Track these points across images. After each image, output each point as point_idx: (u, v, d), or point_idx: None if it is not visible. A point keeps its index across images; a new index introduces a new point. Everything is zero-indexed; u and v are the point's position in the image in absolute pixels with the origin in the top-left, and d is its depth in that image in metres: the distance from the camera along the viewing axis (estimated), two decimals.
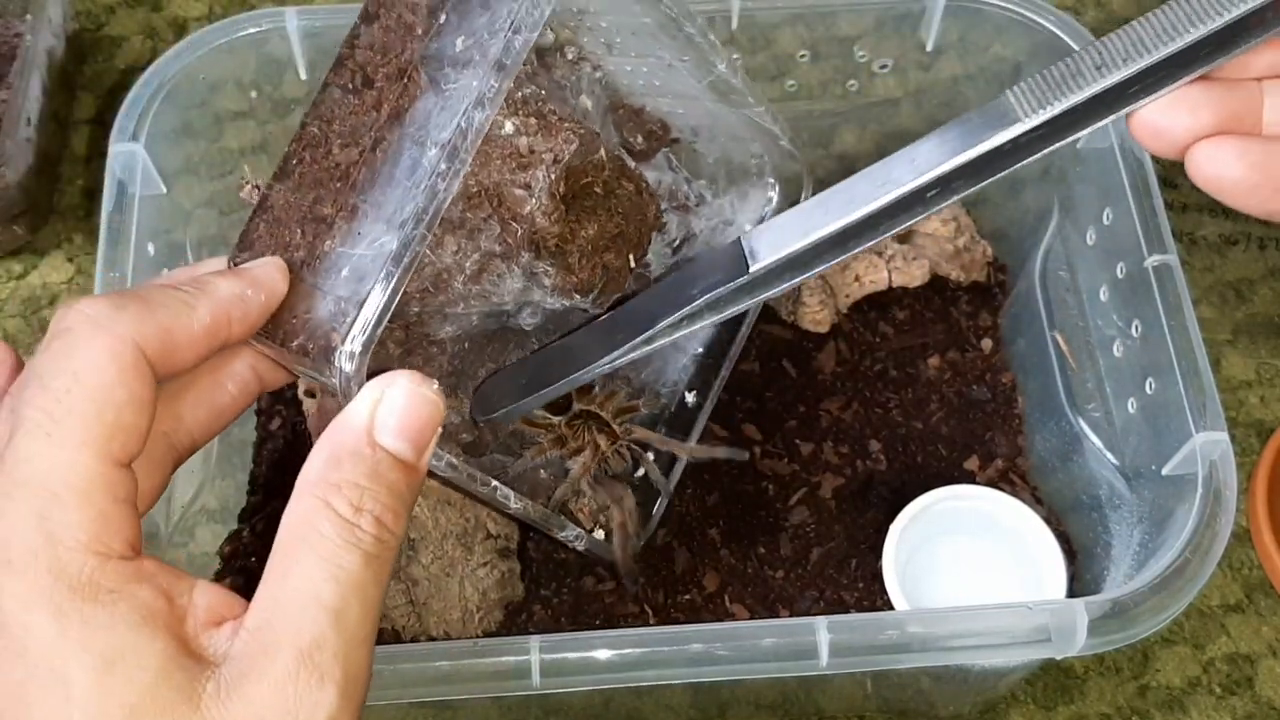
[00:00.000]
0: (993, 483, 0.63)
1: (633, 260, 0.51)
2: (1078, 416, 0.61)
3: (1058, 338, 0.64)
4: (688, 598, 0.60)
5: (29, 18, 0.74)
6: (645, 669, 0.46)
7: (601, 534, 0.56)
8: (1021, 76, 0.41)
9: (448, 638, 0.57)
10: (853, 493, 0.63)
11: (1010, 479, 0.63)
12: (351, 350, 0.38)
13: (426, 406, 0.36)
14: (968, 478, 0.63)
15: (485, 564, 0.57)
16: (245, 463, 0.65)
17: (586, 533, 0.55)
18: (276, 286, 0.39)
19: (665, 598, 0.60)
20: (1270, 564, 0.63)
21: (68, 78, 0.78)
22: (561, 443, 0.54)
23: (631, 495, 0.56)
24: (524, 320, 0.51)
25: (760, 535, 0.62)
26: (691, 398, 0.61)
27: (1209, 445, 0.50)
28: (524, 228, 0.46)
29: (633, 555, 0.57)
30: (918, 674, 0.55)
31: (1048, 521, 0.59)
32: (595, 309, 0.51)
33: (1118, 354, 0.58)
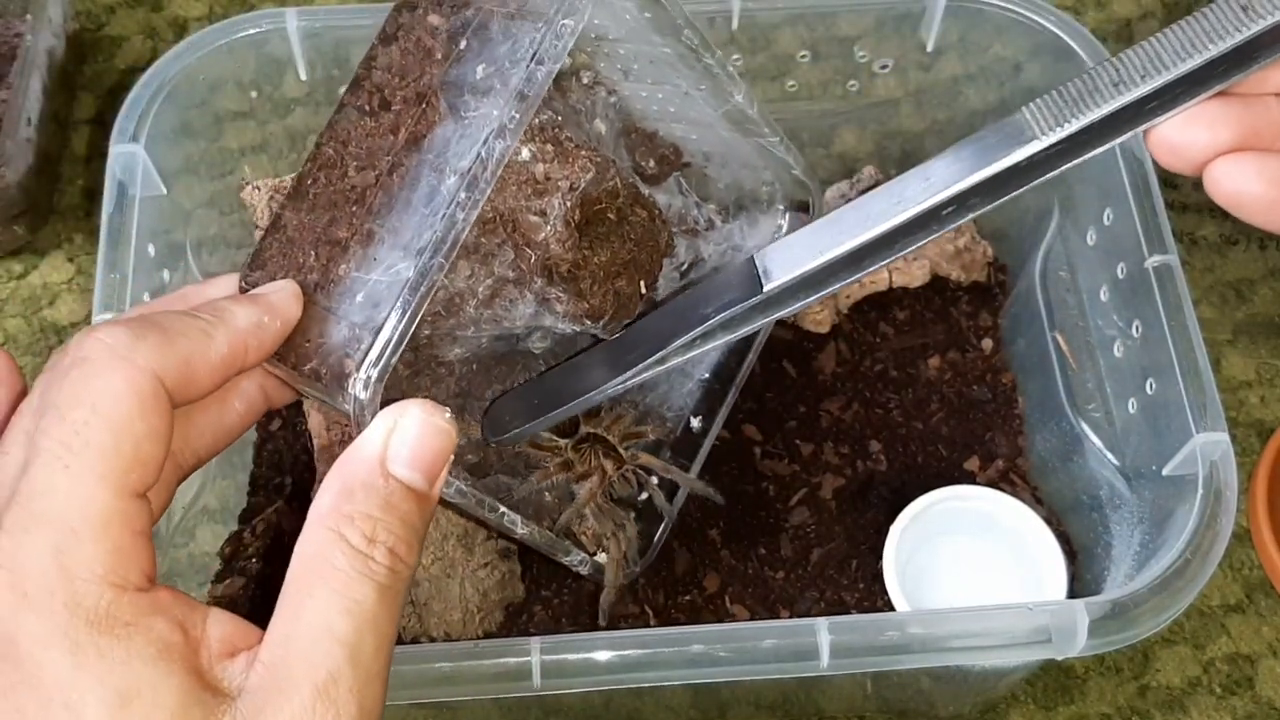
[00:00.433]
0: (993, 483, 0.63)
1: (644, 287, 0.51)
2: (1078, 417, 0.61)
3: (1058, 338, 0.64)
4: (688, 598, 0.60)
5: (29, 18, 0.74)
6: (646, 670, 0.46)
7: (604, 557, 0.56)
8: (1021, 76, 0.41)
9: (448, 638, 0.57)
10: (853, 493, 0.63)
11: (1010, 479, 0.63)
12: (367, 378, 0.38)
13: (439, 436, 0.35)
14: (968, 478, 0.63)
15: (486, 565, 0.57)
16: (246, 463, 0.65)
17: (590, 556, 0.54)
18: (291, 313, 0.39)
19: (665, 598, 0.60)
20: (1270, 564, 0.63)
21: (68, 78, 0.78)
22: (568, 466, 0.54)
23: (633, 524, 0.56)
24: (533, 344, 0.51)
25: (760, 536, 0.62)
26: (697, 423, 0.61)
27: (1209, 445, 0.50)
28: (538, 254, 0.46)
29: (624, 583, 0.57)
30: (918, 674, 0.55)
31: (1048, 522, 0.59)
32: (605, 335, 0.51)
33: (1118, 354, 0.58)
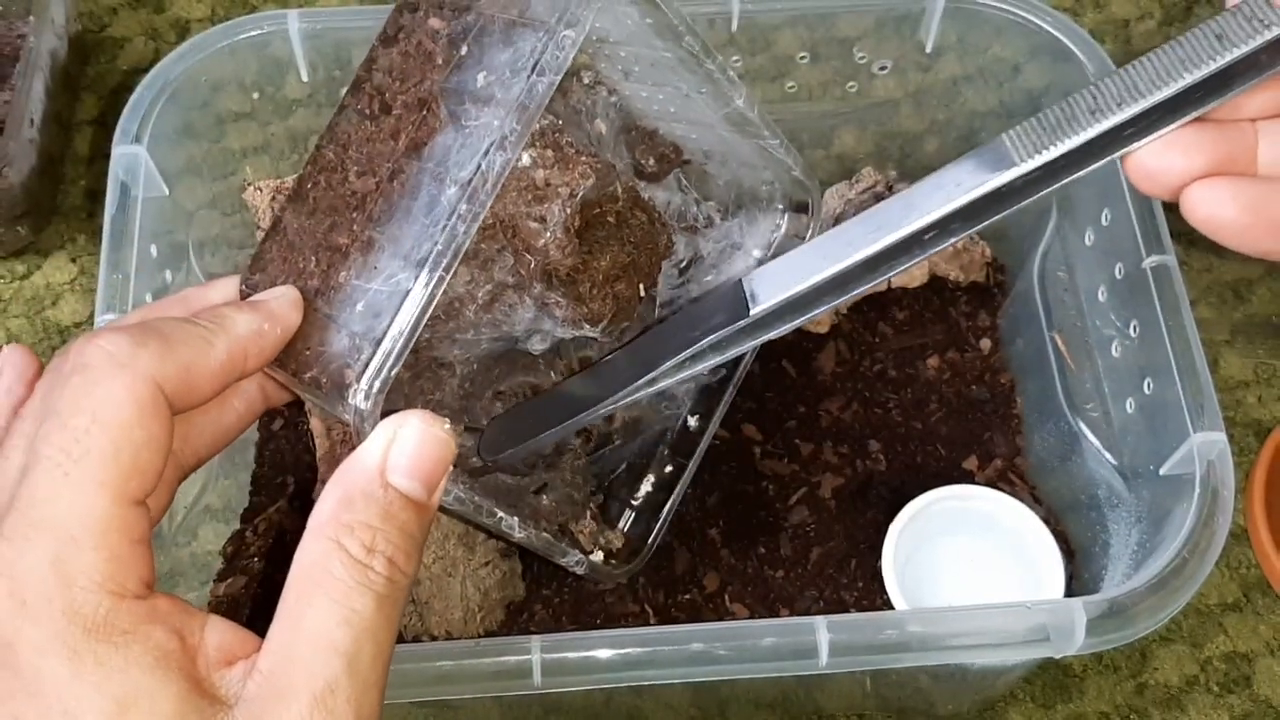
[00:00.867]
0: (991, 482, 0.63)
1: (643, 289, 0.51)
2: (1076, 416, 0.61)
3: (1056, 338, 0.64)
4: (688, 597, 0.60)
5: (32, 19, 0.74)
6: (646, 668, 0.46)
7: (601, 556, 0.57)
8: (1020, 77, 0.41)
9: (449, 637, 0.57)
10: (852, 493, 0.63)
11: (1009, 479, 0.63)
12: (367, 390, 0.38)
13: (438, 446, 0.35)
14: (967, 477, 0.63)
15: (487, 564, 0.57)
16: (247, 462, 0.65)
17: (585, 555, 0.55)
18: (291, 320, 0.40)
19: (665, 597, 0.60)
20: (1267, 563, 0.63)
21: (70, 79, 0.78)
22: None
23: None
24: (533, 346, 0.51)
25: (760, 535, 0.62)
26: (694, 421, 0.61)
27: (1207, 445, 0.50)
28: (538, 260, 0.46)
29: (622, 580, 0.58)
30: (917, 673, 0.55)
31: (1046, 521, 0.59)
32: (604, 338, 0.51)
33: (1116, 354, 0.58)
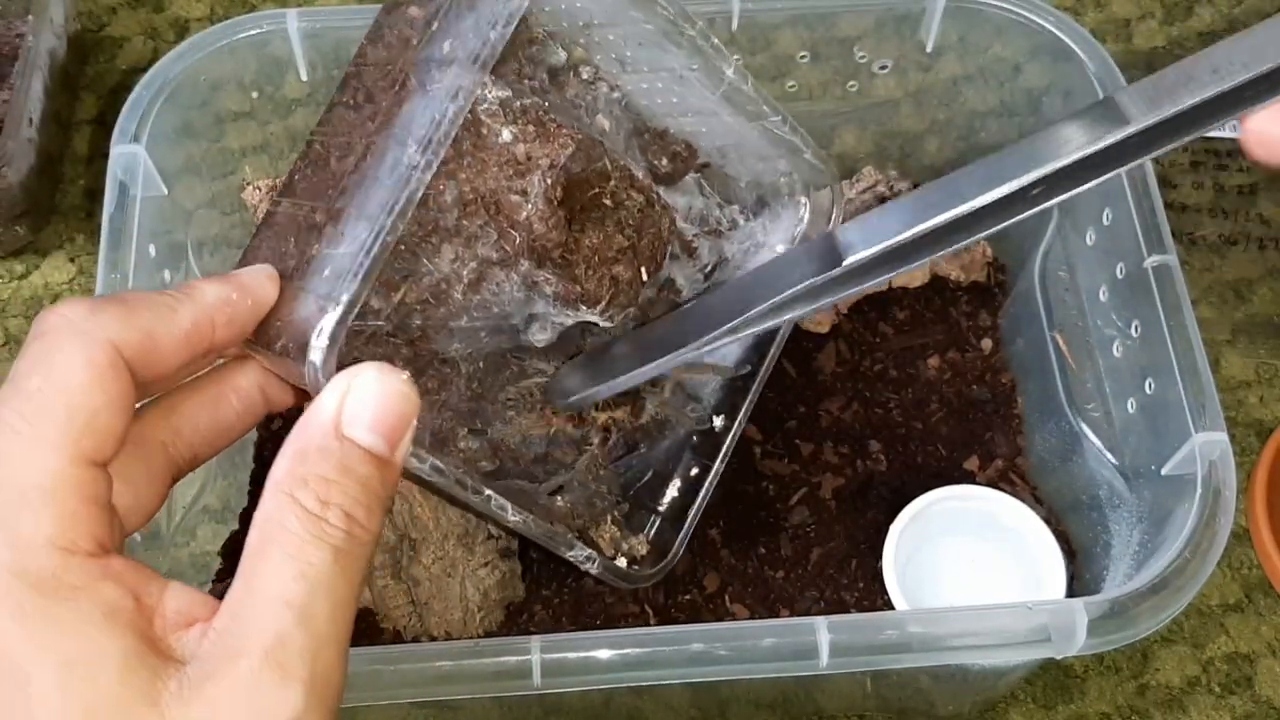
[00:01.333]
0: (992, 482, 0.63)
1: (645, 274, 0.51)
2: (1077, 416, 0.61)
3: (1057, 338, 0.64)
4: (688, 598, 0.60)
5: (31, 18, 0.74)
6: (646, 669, 0.46)
7: (624, 562, 0.55)
8: (1020, 77, 0.41)
9: (449, 638, 0.57)
10: (853, 493, 0.63)
11: (1010, 479, 0.63)
12: (320, 343, 0.37)
13: (398, 398, 0.34)
14: (967, 478, 0.63)
15: (486, 564, 0.57)
16: (246, 462, 0.65)
17: (607, 558, 0.54)
18: (264, 291, 0.39)
19: (665, 598, 0.60)
20: (1269, 563, 0.63)
21: (69, 78, 0.78)
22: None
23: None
24: (534, 336, 0.50)
25: (760, 535, 0.62)
26: (719, 421, 0.61)
27: (1208, 445, 0.50)
28: (522, 235, 0.46)
29: (645, 584, 0.58)
30: (917, 673, 0.55)
31: (1047, 521, 0.59)
32: (606, 322, 0.50)
33: (1117, 354, 0.58)
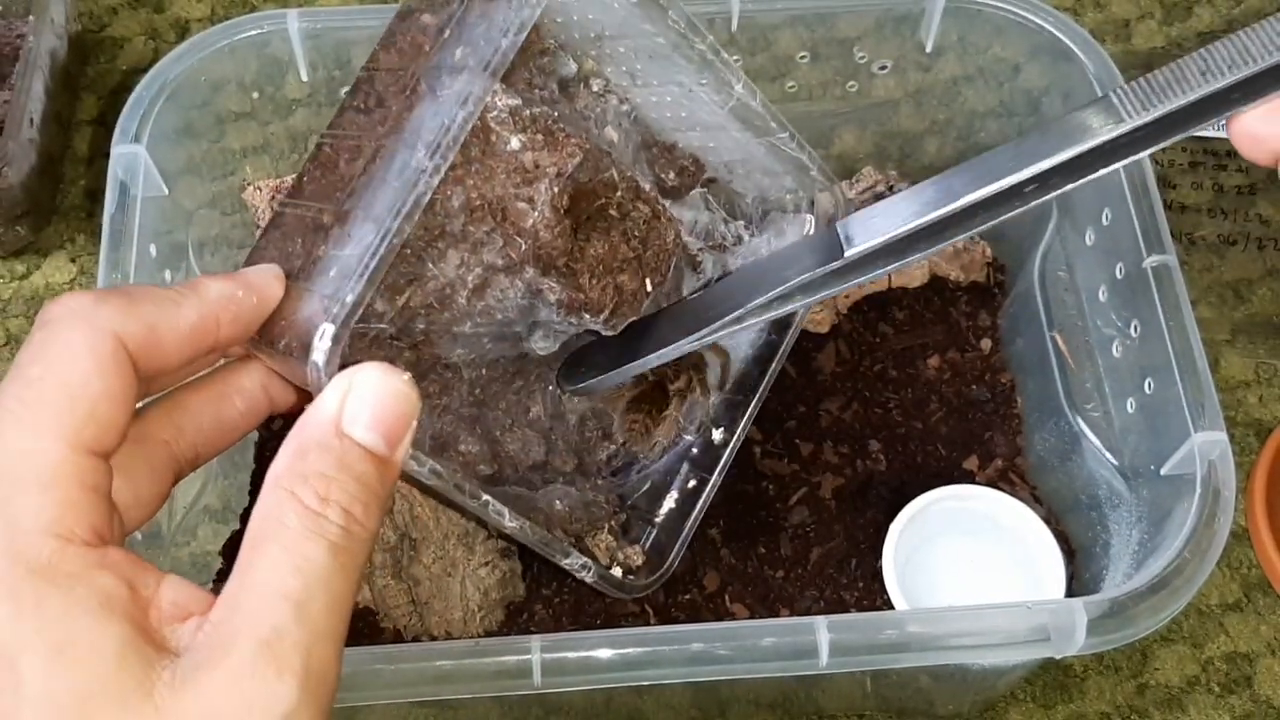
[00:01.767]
0: (992, 482, 0.63)
1: (649, 284, 0.51)
2: (1076, 416, 0.61)
3: (1057, 338, 0.64)
4: (688, 597, 0.60)
5: (32, 19, 0.74)
6: (646, 668, 0.46)
7: (619, 572, 0.56)
8: (1020, 77, 0.41)
9: (449, 637, 0.57)
10: (853, 493, 0.63)
11: (1009, 478, 0.63)
12: (323, 343, 0.37)
13: (398, 398, 0.34)
14: (967, 477, 0.63)
15: (487, 564, 0.57)
16: (247, 462, 0.65)
17: (602, 567, 0.54)
18: (269, 289, 0.39)
19: (665, 597, 0.60)
20: (1268, 563, 0.63)
21: (70, 78, 0.78)
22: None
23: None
24: (537, 344, 0.51)
25: (760, 535, 0.62)
26: (718, 434, 0.61)
27: (1207, 445, 0.50)
28: (527, 242, 0.46)
29: (643, 595, 0.58)
30: (917, 673, 0.55)
31: (1047, 521, 0.59)
32: (609, 331, 0.51)
33: (1116, 354, 0.58)
